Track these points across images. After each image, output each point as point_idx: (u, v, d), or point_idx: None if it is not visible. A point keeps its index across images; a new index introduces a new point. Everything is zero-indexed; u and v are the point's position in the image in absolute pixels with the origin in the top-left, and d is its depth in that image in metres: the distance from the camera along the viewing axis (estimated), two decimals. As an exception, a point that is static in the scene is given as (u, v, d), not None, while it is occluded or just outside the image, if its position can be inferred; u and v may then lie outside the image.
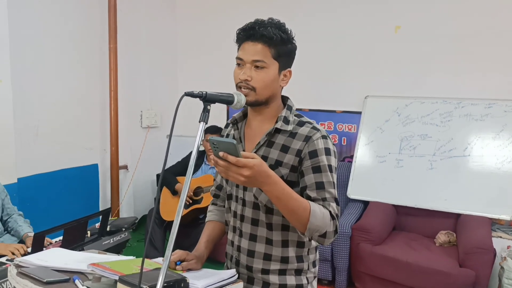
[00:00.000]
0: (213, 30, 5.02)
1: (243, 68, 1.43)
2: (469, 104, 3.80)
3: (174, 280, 1.28)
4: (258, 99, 1.44)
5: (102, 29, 4.34)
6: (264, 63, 1.41)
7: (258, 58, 1.40)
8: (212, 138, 1.21)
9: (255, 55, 1.40)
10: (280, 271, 1.49)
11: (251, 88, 1.42)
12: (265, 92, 1.43)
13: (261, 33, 1.39)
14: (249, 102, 1.44)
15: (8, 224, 2.85)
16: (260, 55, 1.40)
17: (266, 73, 1.42)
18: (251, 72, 1.41)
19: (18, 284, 1.38)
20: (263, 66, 1.41)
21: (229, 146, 1.19)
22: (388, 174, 3.95)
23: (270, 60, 1.41)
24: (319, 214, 1.33)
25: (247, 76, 1.41)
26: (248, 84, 1.42)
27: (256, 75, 1.41)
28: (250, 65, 1.42)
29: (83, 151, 4.32)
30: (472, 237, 3.33)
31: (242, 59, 1.43)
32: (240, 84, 1.43)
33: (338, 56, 4.38)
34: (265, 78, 1.42)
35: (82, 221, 2.45)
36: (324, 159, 1.41)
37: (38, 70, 3.79)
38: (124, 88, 4.57)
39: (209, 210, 1.74)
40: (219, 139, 1.21)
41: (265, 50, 1.40)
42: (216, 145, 1.21)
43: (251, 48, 1.41)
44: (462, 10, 3.88)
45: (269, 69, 1.42)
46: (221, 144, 1.20)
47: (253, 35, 1.40)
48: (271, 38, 1.39)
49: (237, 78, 1.44)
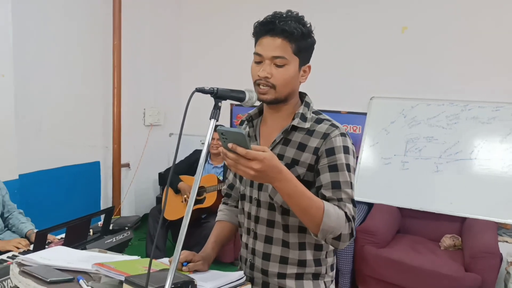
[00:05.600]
0: (217, 28, 5.00)
1: (262, 64, 1.36)
2: (476, 107, 3.76)
3: (182, 282, 1.24)
4: (277, 97, 1.37)
5: (106, 26, 4.31)
6: (285, 59, 1.33)
7: (278, 54, 1.33)
8: (221, 128, 1.14)
9: (275, 51, 1.33)
10: (297, 275, 1.43)
11: (271, 86, 1.35)
12: (285, 90, 1.37)
13: (281, 28, 1.31)
14: (268, 100, 1.37)
15: (9, 221, 2.82)
16: (280, 50, 1.33)
17: (286, 70, 1.34)
18: (271, 69, 1.34)
19: (21, 283, 1.34)
20: (283, 62, 1.34)
21: (239, 136, 1.13)
22: (393, 176, 3.92)
23: (290, 56, 1.34)
24: (333, 215, 1.25)
25: (266, 73, 1.34)
26: (268, 82, 1.34)
27: (276, 72, 1.34)
28: (269, 61, 1.34)
29: (85, 148, 4.28)
30: (478, 241, 3.29)
31: (261, 55, 1.35)
32: (259, 81, 1.36)
33: (344, 56, 4.34)
34: (286, 75, 1.35)
35: (85, 219, 2.41)
36: (342, 157, 1.34)
37: (41, 65, 3.75)
38: (128, 85, 4.54)
39: (220, 209, 1.68)
40: (228, 128, 1.14)
41: (285, 45, 1.33)
42: (225, 136, 1.15)
43: (271, 43, 1.33)
44: (470, 12, 3.85)
45: (290, 65, 1.35)
46: (230, 135, 1.14)
47: (273, 29, 1.32)
48: (291, 33, 1.31)
49: (255, 75, 1.37)
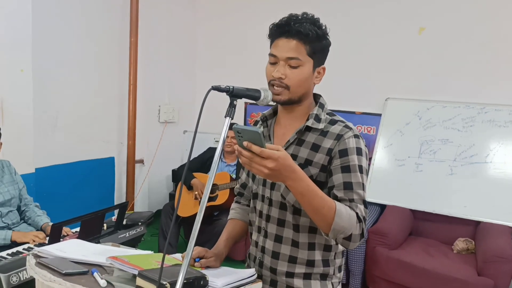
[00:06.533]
0: (233, 27, 5.01)
1: (276, 65, 1.37)
2: (492, 110, 3.72)
3: (194, 277, 1.26)
4: (291, 98, 1.39)
5: (124, 23, 4.35)
6: (299, 61, 1.35)
7: (292, 55, 1.35)
8: (237, 126, 1.15)
9: (289, 52, 1.35)
10: (305, 274, 1.44)
11: (285, 87, 1.37)
12: (299, 91, 1.39)
13: (297, 29, 1.33)
14: (282, 101, 1.39)
15: (26, 214, 2.87)
16: (294, 52, 1.35)
17: (300, 71, 1.36)
18: (285, 70, 1.36)
19: (37, 274, 1.37)
20: (297, 64, 1.35)
21: (254, 135, 1.14)
22: (406, 178, 3.89)
23: (305, 57, 1.36)
24: (345, 215, 1.27)
25: (281, 74, 1.36)
26: (282, 82, 1.36)
27: (290, 73, 1.36)
28: (284, 62, 1.36)
29: (100, 144, 4.33)
30: (491, 245, 3.25)
31: (275, 56, 1.38)
32: (273, 82, 1.38)
33: (359, 56, 4.32)
34: (300, 76, 1.36)
35: (100, 214, 2.44)
36: (354, 158, 1.36)
37: (59, 61, 3.80)
38: (143, 82, 4.57)
39: (232, 208, 1.70)
40: (244, 127, 1.15)
41: (300, 47, 1.35)
42: (241, 134, 1.16)
43: (286, 44, 1.35)
44: (489, 13, 3.80)
45: (304, 66, 1.36)
46: (246, 133, 1.15)
47: (288, 31, 1.34)
48: (306, 35, 1.33)
49: (269, 75, 1.39)
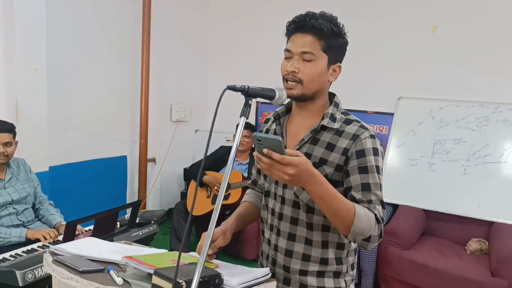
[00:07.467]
0: (245, 27, 5.01)
1: (291, 60, 1.38)
2: (507, 109, 3.67)
3: (209, 276, 1.26)
4: (304, 93, 1.39)
5: (136, 22, 4.37)
6: (313, 55, 1.35)
7: (306, 49, 1.35)
8: (257, 134, 1.16)
9: (303, 47, 1.35)
10: (318, 272, 1.44)
11: (298, 81, 1.37)
12: (312, 86, 1.38)
13: (312, 25, 1.34)
14: (295, 96, 1.39)
15: (40, 212, 2.90)
16: (308, 46, 1.35)
17: (314, 66, 1.36)
18: (299, 64, 1.36)
19: (54, 271, 1.38)
20: (311, 58, 1.36)
21: (275, 143, 1.14)
22: (419, 177, 3.86)
23: (319, 53, 1.36)
24: (364, 217, 1.27)
25: (294, 68, 1.36)
26: (295, 77, 1.36)
27: (304, 67, 1.36)
28: (298, 57, 1.37)
29: (113, 142, 4.37)
30: (505, 246, 3.23)
31: (290, 51, 1.38)
32: (286, 76, 1.38)
33: (372, 55, 4.29)
34: (313, 71, 1.36)
35: (113, 212, 2.46)
36: (372, 159, 1.35)
37: (73, 61, 3.84)
38: (155, 81, 4.60)
39: (247, 193, 1.71)
40: (264, 135, 1.16)
41: (314, 42, 1.35)
42: (261, 142, 1.17)
43: (300, 39, 1.36)
44: (503, 11, 3.75)
45: (318, 61, 1.36)
46: (266, 141, 1.16)
47: (303, 26, 1.36)
48: (321, 30, 1.34)
49: (284, 70, 1.39)
